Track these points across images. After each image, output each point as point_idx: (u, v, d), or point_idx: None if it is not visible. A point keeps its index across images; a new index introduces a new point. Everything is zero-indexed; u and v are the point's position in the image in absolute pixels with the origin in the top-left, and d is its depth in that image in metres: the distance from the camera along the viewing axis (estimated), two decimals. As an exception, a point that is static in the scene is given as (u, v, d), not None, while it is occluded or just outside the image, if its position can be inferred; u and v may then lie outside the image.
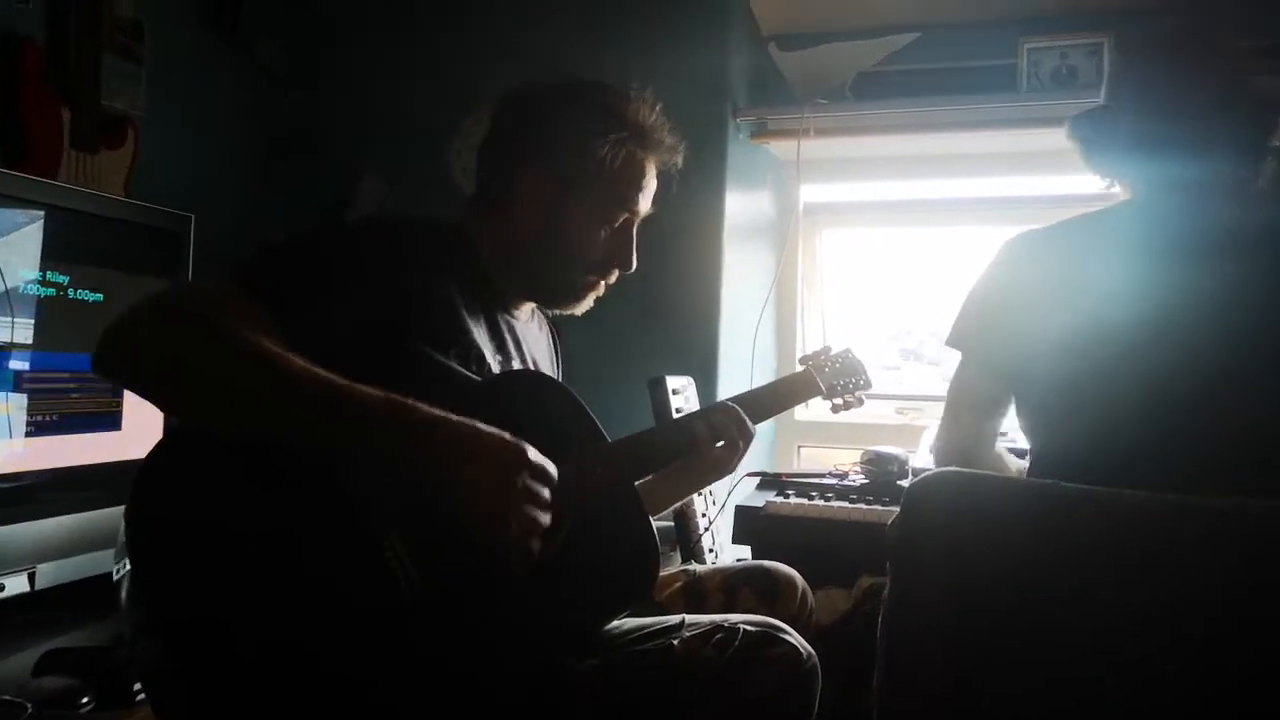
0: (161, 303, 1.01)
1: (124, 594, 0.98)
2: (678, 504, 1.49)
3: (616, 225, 1.28)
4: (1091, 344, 1.10)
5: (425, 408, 0.97)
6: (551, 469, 1.00)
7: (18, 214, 1.64)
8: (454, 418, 0.97)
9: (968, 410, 1.25)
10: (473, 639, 1.03)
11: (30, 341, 1.65)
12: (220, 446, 0.98)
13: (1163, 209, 1.17)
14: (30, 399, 1.64)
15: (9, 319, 1.61)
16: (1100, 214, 1.23)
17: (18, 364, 1.63)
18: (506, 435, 0.98)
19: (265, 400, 0.95)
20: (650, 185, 1.29)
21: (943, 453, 1.26)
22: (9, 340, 1.61)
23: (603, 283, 1.31)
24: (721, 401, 1.38)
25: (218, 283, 1.05)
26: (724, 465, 1.35)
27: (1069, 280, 1.15)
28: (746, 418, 1.33)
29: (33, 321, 1.65)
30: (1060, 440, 1.13)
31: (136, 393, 0.99)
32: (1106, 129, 1.22)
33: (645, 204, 1.30)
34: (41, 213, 1.67)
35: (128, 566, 0.94)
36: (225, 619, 0.94)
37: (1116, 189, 1.28)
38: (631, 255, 1.29)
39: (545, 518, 0.98)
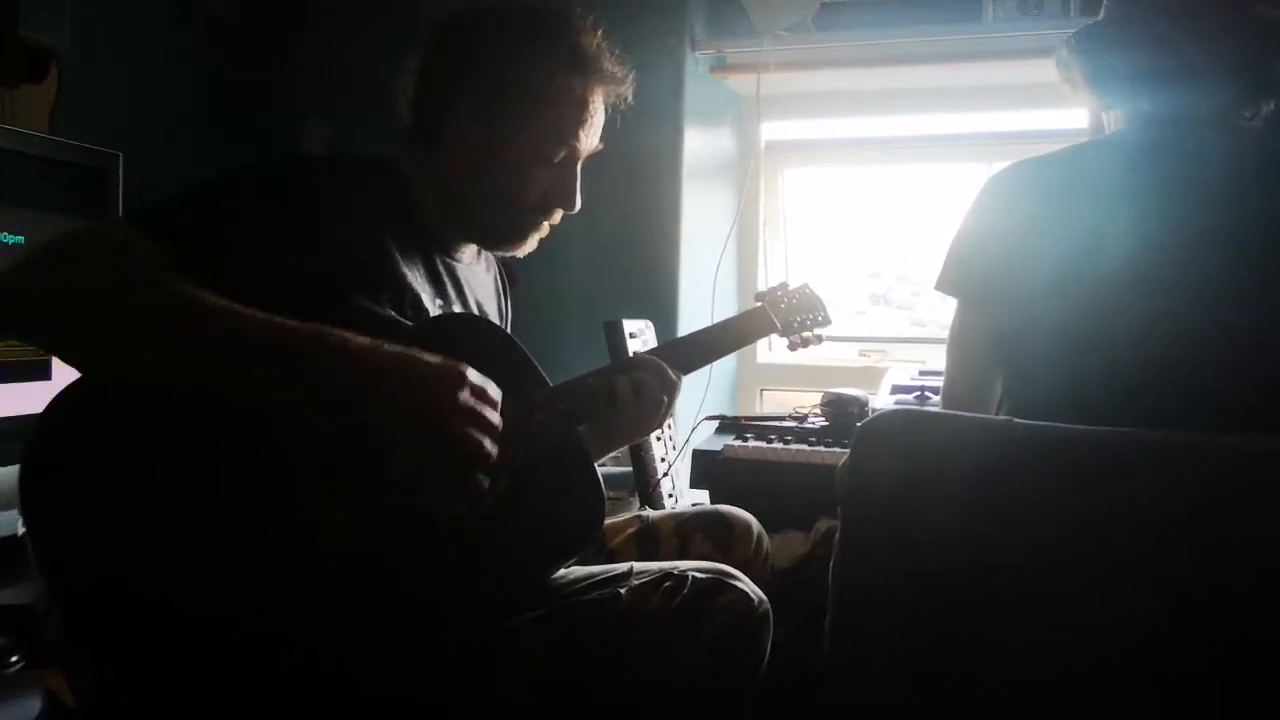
0: (60, 247, 0.93)
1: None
2: (605, 456, 1.40)
3: (556, 161, 1.19)
4: (1077, 284, 1.05)
5: (355, 337, 0.92)
6: (494, 390, 0.96)
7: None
8: (386, 345, 0.93)
9: (972, 357, 1.18)
10: (406, 591, 0.99)
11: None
12: (124, 397, 0.92)
13: (1156, 142, 1.12)
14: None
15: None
16: (1090, 146, 1.18)
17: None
18: (442, 358, 0.94)
19: (174, 341, 0.89)
20: (595, 119, 1.20)
21: (953, 406, 1.19)
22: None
23: (545, 223, 1.24)
24: (643, 353, 1.30)
25: (125, 227, 0.97)
26: (648, 421, 1.25)
27: (1056, 217, 1.10)
28: (669, 369, 1.24)
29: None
30: (1042, 384, 1.08)
31: (33, 343, 0.93)
32: (1103, 52, 1.15)
33: (589, 139, 1.21)
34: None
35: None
36: (131, 584, 0.88)
37: (1107, 120, 1.22)
38: (575, 194, 1.21)
39: (489, 444, 0.94)
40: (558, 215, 1.24)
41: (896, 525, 0.89)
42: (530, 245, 1.25)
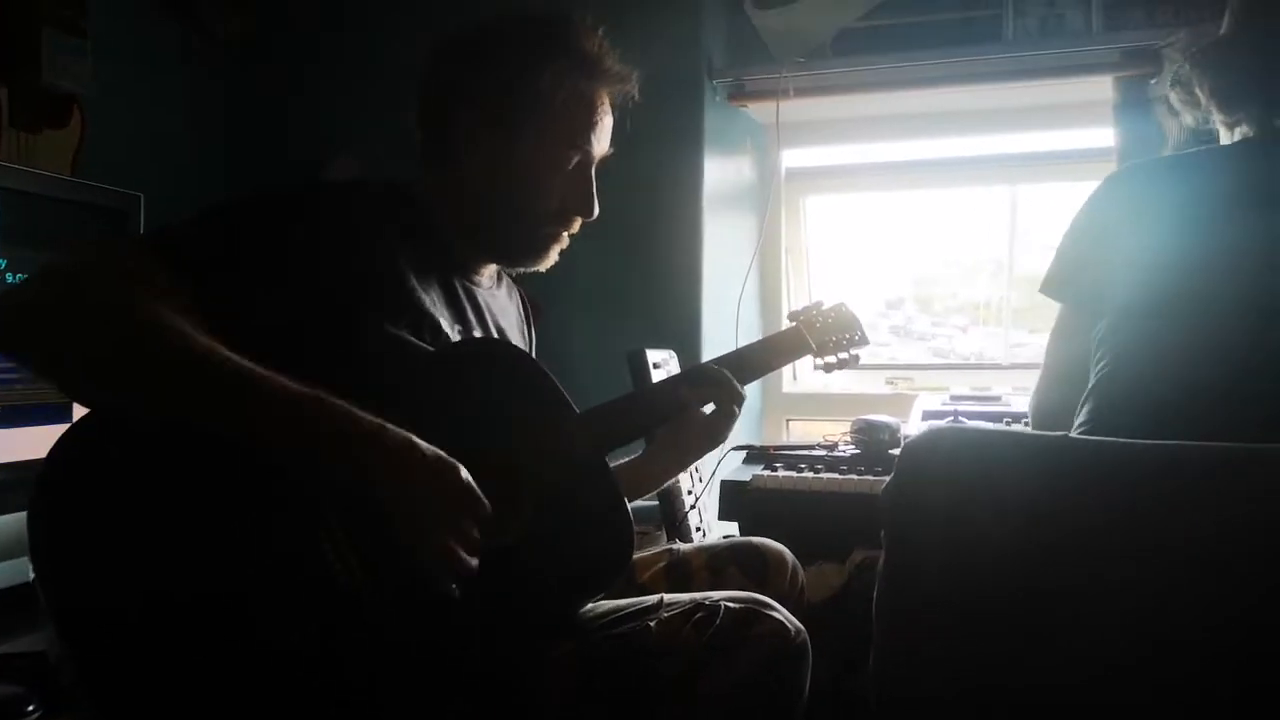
0: (62, 270, 0.91)
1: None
2: (671, 479, 1.39)
3: (571, 168, 1.17)
4: (1172, 296, 1.03)
5: (354, 413, 0.88)
6: (484, 503, 0.92)
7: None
8: (388, 427, 0.89)
9: (1071, 363, 1.14)
10: (432, 627, 0.95)
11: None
12: (132, 436, 0.89)
13: (1260, 157, 1.10)
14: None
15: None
16: (1206, 155, 1.16)
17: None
18: (443, 455, 0.90)
19: (168, 389, 0.86)
20: (604, 121, 1.19)
21: (1046, 415, 1.15)
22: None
23: (565, 234, 1.21)
24: (705, 363, 1.29)
25: (129, 251, 0.95)
26: (716, 432, 1.27)
27: (1160, 228, 1.08)
28: (733, 378, 1.24)
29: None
30: (1124, 394, 1.03)
31: (29, 369, 0.90)
32: (1234, 62, 1.14)
33: (601, 142, 1.19)
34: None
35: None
36: (145, 628, 0.85)
37: (1227, 135, 1.20)
38: (592, 200, 1.19)
39: (469, 559, 0.90)
40: (576, 224, 1.21)
41: (946, 548, 0.84)
42: (551, 258, 1.23)
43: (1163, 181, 1.12)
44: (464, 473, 0.91)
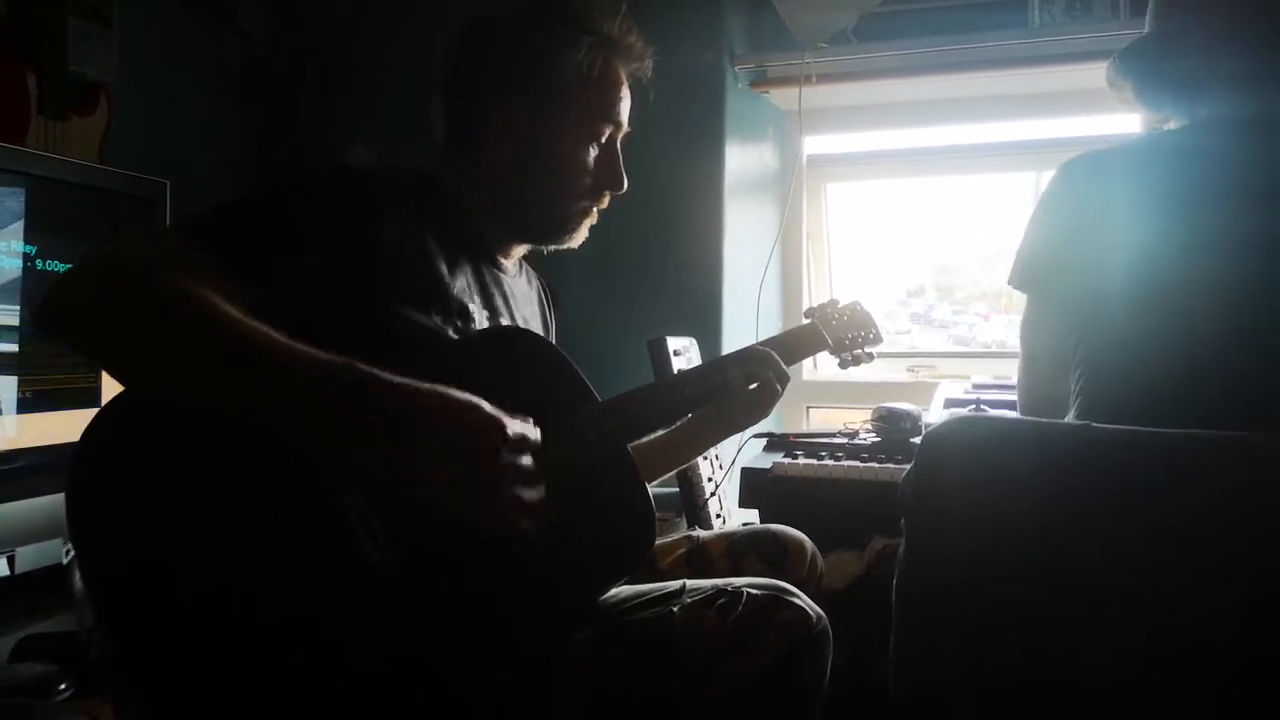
0: (106, 257, 0.92)
1: (75, 580, 0.91)
2: (711, 448, 1.45)
3: (603, 141, 1.20)
4: (1136, 286, 1.03)
5: (384, 375, 0.85)
6: (533, 433, 0.90)
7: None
8: (419, 384, 0.86)
9: (1048, 357, 1.15)
10: (454, 611, 0.96)
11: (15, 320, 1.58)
12: (165, 416, 0.90)
13: (1205, 146, 1.10)
14: (4, 375, 1.58)
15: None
16: (1149, 142, 1.16)
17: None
18: (480, 402, 0.87)
19: (208, 366, 0.86)
20: (627, 96, 1.22)
21: (1030, 408, 1.16)
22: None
23: (595, 209, 1.23)
24: (753, 345, 1.32)
25: (168, 238, 0.96)
26: (760, 405, 1.31)
27: (1118, 218, 1.09)
28: (781, 362, 1.29)
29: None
30: (1111, 384, 1.04)
31: (78, 352, 0.92)
32: (1154, 63, 1.14)
33: (626, 116, 1.22)
34: (22, 187, 1.60)
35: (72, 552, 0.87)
36: (179, 606, 0.86)
37: (1171, 126, 1.20)
38: (621, 173, 1.22)
39: (533, 493, 0.88)
40: (606, 199, 1.24)
41: (967, 536, 0.84)
42: (583, 234, 1.25)
43: (1117, 175, 1.12)
44: (507, 418, 0.87)
